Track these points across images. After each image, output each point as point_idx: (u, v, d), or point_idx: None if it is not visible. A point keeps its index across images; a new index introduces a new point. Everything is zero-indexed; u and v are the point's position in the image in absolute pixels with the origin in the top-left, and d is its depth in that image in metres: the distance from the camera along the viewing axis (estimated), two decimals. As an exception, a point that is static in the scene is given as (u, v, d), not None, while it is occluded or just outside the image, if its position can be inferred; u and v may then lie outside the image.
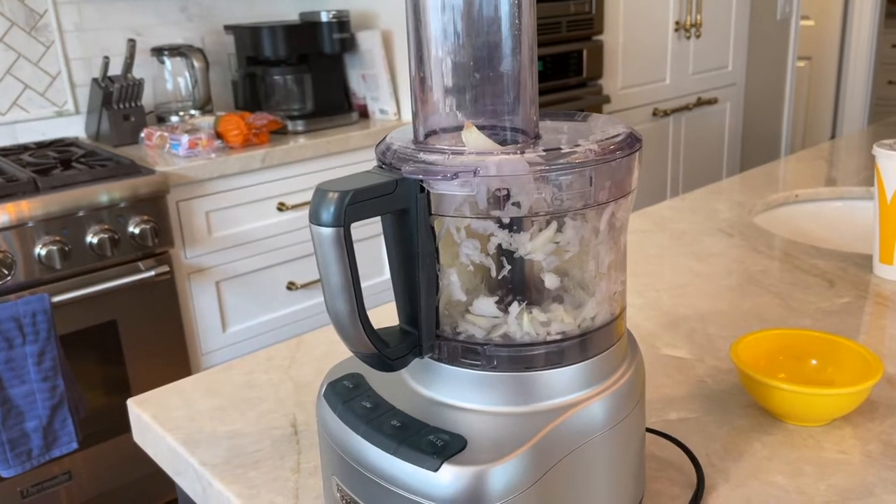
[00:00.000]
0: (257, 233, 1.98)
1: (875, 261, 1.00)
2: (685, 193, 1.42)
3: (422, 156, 0.47)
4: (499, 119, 0.49)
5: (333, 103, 2.31)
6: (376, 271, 2.22)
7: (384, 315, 0.94)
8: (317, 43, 2.22)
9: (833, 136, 4.27)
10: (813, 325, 0.87)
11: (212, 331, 1.95)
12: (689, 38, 2.99)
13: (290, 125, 2.12)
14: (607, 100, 2.67)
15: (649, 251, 1.13)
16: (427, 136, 0.50)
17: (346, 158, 2.10)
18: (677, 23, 2.92)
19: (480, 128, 0.48)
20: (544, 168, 0.46)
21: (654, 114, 2.92)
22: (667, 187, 3.09)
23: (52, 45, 2.12)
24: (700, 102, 3.10)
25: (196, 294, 1.90)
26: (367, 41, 2.26)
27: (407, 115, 2.28)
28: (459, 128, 0.49)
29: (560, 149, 0.46)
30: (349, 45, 2.28)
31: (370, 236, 2.16)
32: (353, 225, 0.46)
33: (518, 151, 0.46)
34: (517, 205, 0.46)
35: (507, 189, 0.46)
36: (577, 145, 0.47)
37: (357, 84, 2.37)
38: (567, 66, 2.54)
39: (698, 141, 3.18)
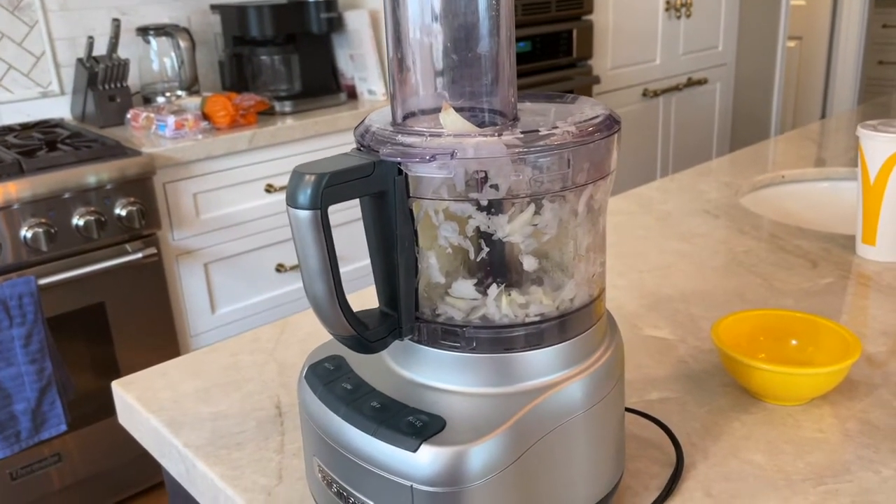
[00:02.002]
0: (245, 214, 1.97)
1: (858, 241, 1.01)
2: (673, 174, 1.42)
3: (399, 138, 0.47)
4: (477, 101, 0.49)
5: (321, 84, 2.29)
6: (358, 255, 2.22)
7: (367, 299, 0.94)
8: (304, 22, 2.20)
9: (823, 117, 4.28)
10: (795, 306, 0.88)
11: (200, 313, 1.95)
12: (679, 17, 2.98)
13: (277, 106, 2.11)
14: (597, 80, 2.67)
15: (634, 232, 1.13)
16: (405, 117, 0.50)
17: (335, 140, 2.09)
18: (667, 2, 2.91)
19: (458, 110, 0.48)
20: (522, 150, 0.46)
21: (644, 94, 2.92)
22: (656, 168, 3.09)
23: (36, 25, 2.09)
24: (690, 83, 3.10)
25: (184, 276, 1.90)
26: (355, 21, 2.25)
27: (395, 96, 2.26)
28: (437, 110, 0.49)
29: (538, 131, 0.46)
30: (337, 24, 2.26)
31: (352, 220, 2.16)
32: (334, 208, 0.46)
33: (496, 133, 0.46)
34: (495, 187, 0.46)
35: (485, 171, 0.46)
36: (555, 127, 0.47)
37: (345, 64, 2.35)
38: (557, 46, 2.53)
39: (688, 122, 3.18)
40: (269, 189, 1.99)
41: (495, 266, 0.50)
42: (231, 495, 0.61)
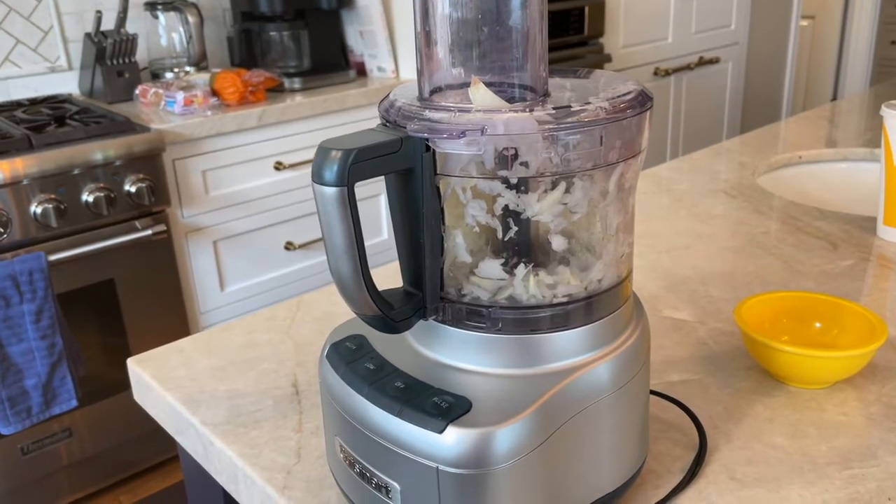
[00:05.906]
0: (254, 192, 1.96)
1: (879, 223, 1.00)
2: (686, 154, 1.40)
3: (427, 113, 0.46)
4: (506, 76, 0.47)
5: (331, 60, 2.27)
6: (375, 231, 2.21)
7: (384, 276, 0.93)
8: (314, -2, 2.18)
9: (835, 97, 4.23)
10: (815, 288, 0.87)
11: (210, 290, 1.95)
12: (692, -5, 2.94)
13: (286, 83, 2.09)
14: (608, 59, 2.64)
15: (650, 212, 1.12)
16: (432, 93, 0.49)
17: (344, 117, 2.08)
18: (680, -20, 2.86)
19: (487, 84, 0.47)
20: (554, 127, 0.44)
21: (656, 73, 2.88)
22: (667, 148, 3.07)
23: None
24: (702, 62, 3.06)
25: (194, 253, 1.90)
26: (365, -4, 2.22)
27: (405, 73, 2.25)
28: (465, 85, 0.47)
29: (570, 107, 0.45)
30: (346, 0, 2.23)
31: (370, 196, 2.15)
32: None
33: (527, 109, 0.45)
34: (525, 164, 0.45)
35: (515, 148, 0.45)
36: (588, 103, 0.46)
37: (354, 41, 2.33)
38: (568, 23, 2.50)
39: (699, 101, 3.14)
40: (279, 166, 1.98)
41: (523, 246, 0.49)
42: (250, 474, 0.61)
